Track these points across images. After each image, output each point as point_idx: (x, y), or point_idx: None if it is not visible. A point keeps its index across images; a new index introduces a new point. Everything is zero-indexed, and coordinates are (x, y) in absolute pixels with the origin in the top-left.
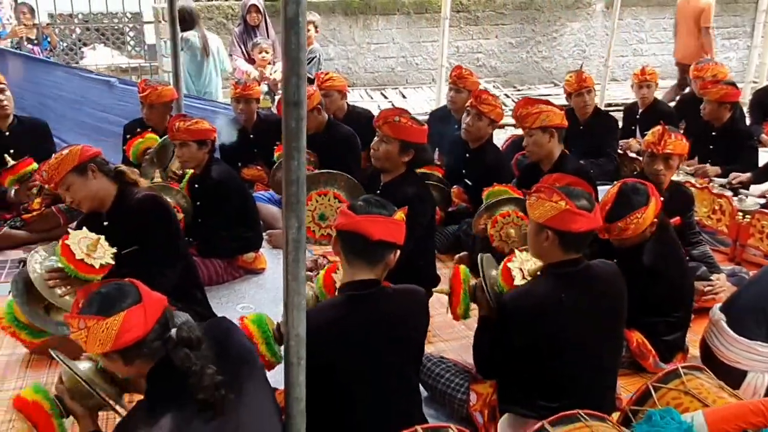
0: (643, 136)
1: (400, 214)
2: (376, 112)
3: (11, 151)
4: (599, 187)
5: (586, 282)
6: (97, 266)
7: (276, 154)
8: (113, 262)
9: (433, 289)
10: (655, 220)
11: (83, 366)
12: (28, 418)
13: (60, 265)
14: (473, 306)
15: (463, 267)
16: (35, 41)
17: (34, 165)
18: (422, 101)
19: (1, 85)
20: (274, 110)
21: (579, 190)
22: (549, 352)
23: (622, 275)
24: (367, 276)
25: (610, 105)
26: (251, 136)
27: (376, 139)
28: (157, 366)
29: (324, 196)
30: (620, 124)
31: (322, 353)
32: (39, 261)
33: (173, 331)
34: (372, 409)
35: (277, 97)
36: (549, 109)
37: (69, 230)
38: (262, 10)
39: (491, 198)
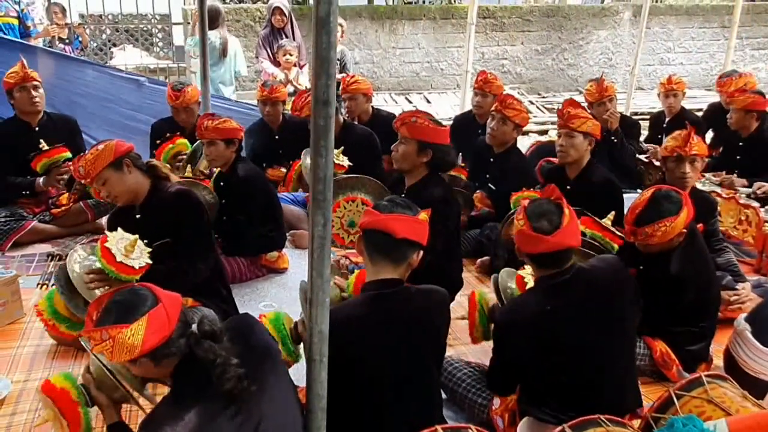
0: None
1: (423, 215)
2: None
3: (41, 146)
4: (625, 195)
5: (575, 289)
6: (136, 267)
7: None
8: (151, 262)
9: (454, 317)
10: (684, 230)
11: (104, 358)
12: (55, 404)
13: (99, 266)
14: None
15: (478, 291)
16: (67, 40)
17: (67, 153)
18: (447, 106)
19: (35, 82)
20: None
21: (549, 209)
22: (552, 361)
23: (622, 269)
24: (391, 275)
25: (635, 113)
26: (277, 137)
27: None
28: (180, 363)
29: (353, 202)
30: (646, 132)
31: (343, 350)
32: (78, 261)
33: (194, 326)
34: (392, 407)
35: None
36: (592, 118)
37: (106, 233)
38: (286, 13)
39: (519, 203)
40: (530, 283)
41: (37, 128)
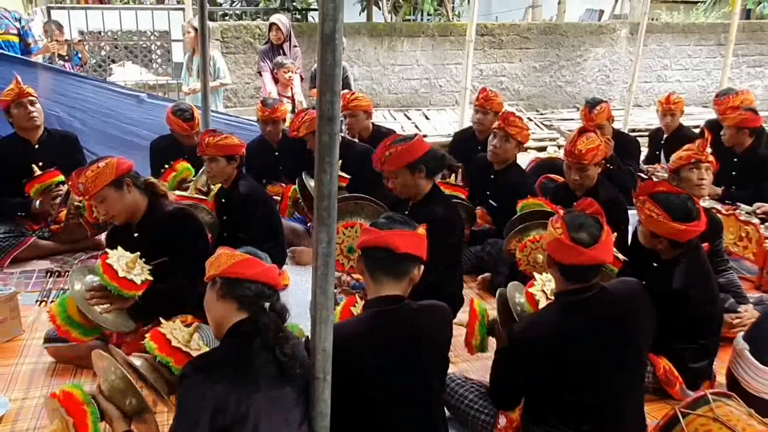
0: (668, 161)
1: (421, 230)
2: (400, 132)
3: (40, 163)
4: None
5: (596, 307)
6: (138, 282)
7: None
8: (152, 278)
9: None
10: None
11: (138, 362)
12: (60, 404)
13: (100, 282)
14: (491, 339)
15: (477, 301)
16: (66, 57)
17: (60, 177)
18: (445, 123)
19: (31, 98)
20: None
21: (588, 221)
22: (564, 379)
23: (642, 291)
24: (393, 292)
25: (633, 130)
26: (276, 153)
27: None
28: (240, 323)
29: (351, 228)
30: (645, 149)
31: (346, 367)
32: (79, 279)
33: (267, 304)
34: (396, 424)
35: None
36: (603, 144)
37: (107, 250)
38: (283, 30)
39: (525, 209)
40: (542, 302)
41: (36, 146)
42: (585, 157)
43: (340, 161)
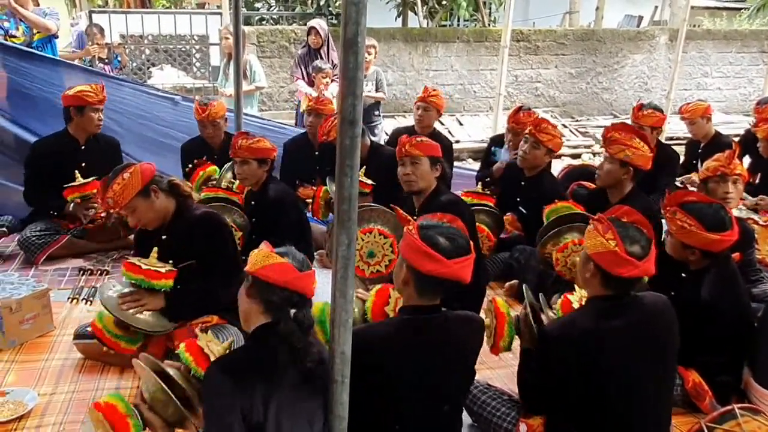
0: None
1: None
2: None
3: (83, 164)
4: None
5: (630, 314)
6: (163, 271)
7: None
8: (175, 269)
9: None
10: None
11: (171, 371)
12: (105, 417)
13: (128, 289)
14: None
15: (500, 299)
16: (106, 60)
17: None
18: (479, 129)
19: (102, 106)
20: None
21: (638, 233)
22: (594, 383)
23: (671, 307)
24: (431, 302)
25: (671, 139)
26: (316, 153)
27: (401, 167)
28: (263, 326)
29: (369, 233)
30: (682, 158)
31: (371, 371)
32: (110, 289)
33: (292, 312)
34: (414, 428)
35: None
36: (639, 148)
37: (127, 257)
38: (322, 34)
39: (552, 215)
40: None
41: (83, 146)
42: (611, 145)
43: (364, 168)
